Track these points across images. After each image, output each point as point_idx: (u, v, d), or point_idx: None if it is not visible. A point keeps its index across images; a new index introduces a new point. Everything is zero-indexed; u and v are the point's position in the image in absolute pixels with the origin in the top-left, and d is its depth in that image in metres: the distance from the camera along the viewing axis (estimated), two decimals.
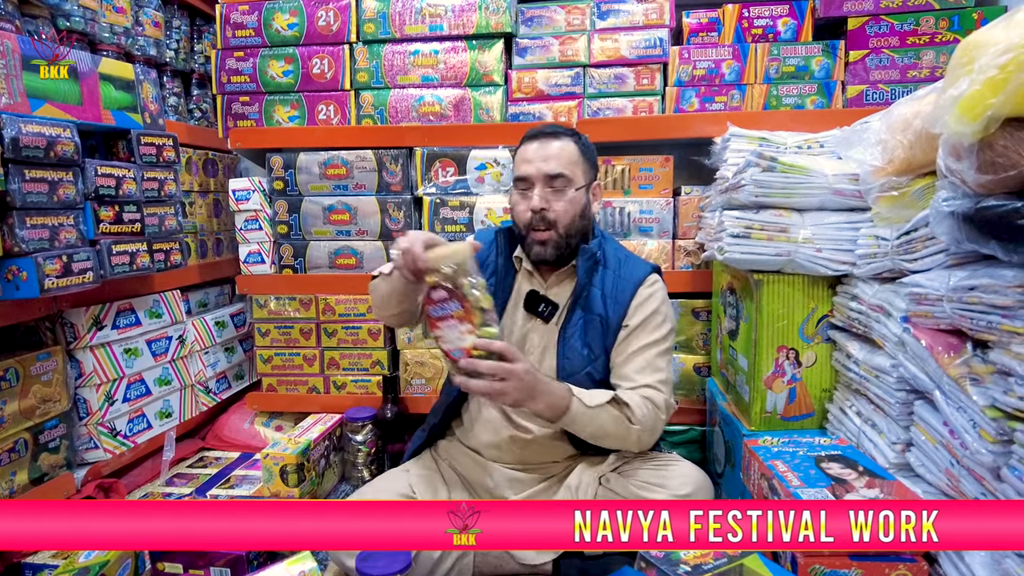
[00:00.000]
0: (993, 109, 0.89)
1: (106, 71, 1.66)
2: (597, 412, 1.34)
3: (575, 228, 1.44)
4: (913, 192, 1.22)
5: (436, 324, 1.23)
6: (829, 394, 1.54)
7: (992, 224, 0.94)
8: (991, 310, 0.97)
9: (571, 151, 1.44)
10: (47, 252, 1.43)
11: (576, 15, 2.12)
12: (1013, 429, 0.92)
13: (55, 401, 1.59)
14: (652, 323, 1.44)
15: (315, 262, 2.16)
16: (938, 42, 1.94)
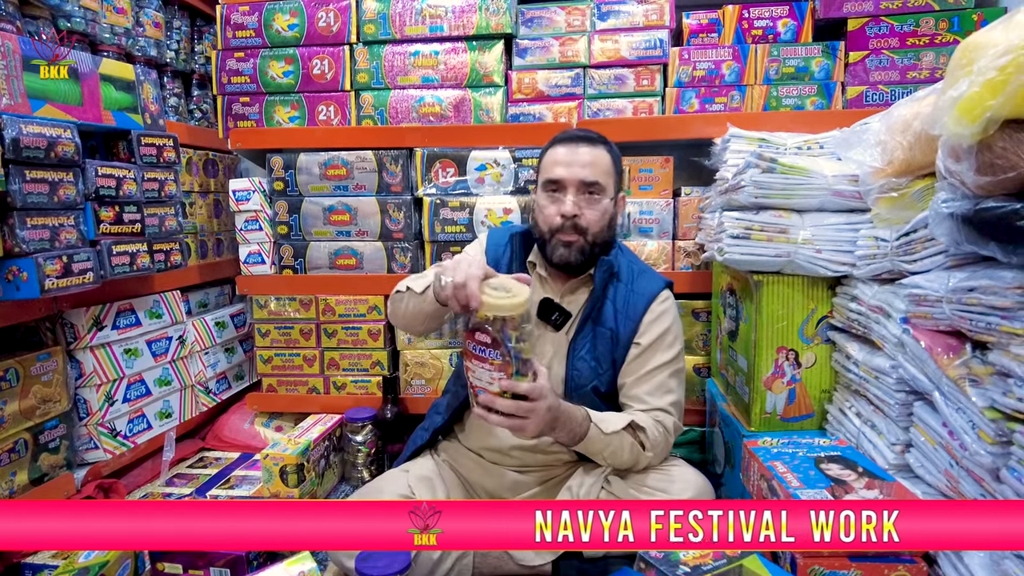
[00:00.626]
0: (992, 111, 0.89)
1: (107, 72, 1.66)
2: (612, 438, 1.33)
3: (602, 237, 1.44)
4: (912, 193, 1.22)
5: (471, 358, 1.16)
6: (829, 395, 1.54)
7: (991, 226, 0.94)
8: (990, 311, 0.97)
9: (606, 160, 1.44)
10: (47, 252, 1.43)
11: (576, 16, 2.12)
12: (1012, 430, 0.92)
13: (55, 401, 1.59)
14: (664, 342, 1.44)
15: (315, 263, 2.16)
16: (938, 43, 1.95)
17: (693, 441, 2.03)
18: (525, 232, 1.57)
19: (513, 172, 2.06)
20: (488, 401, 1.15)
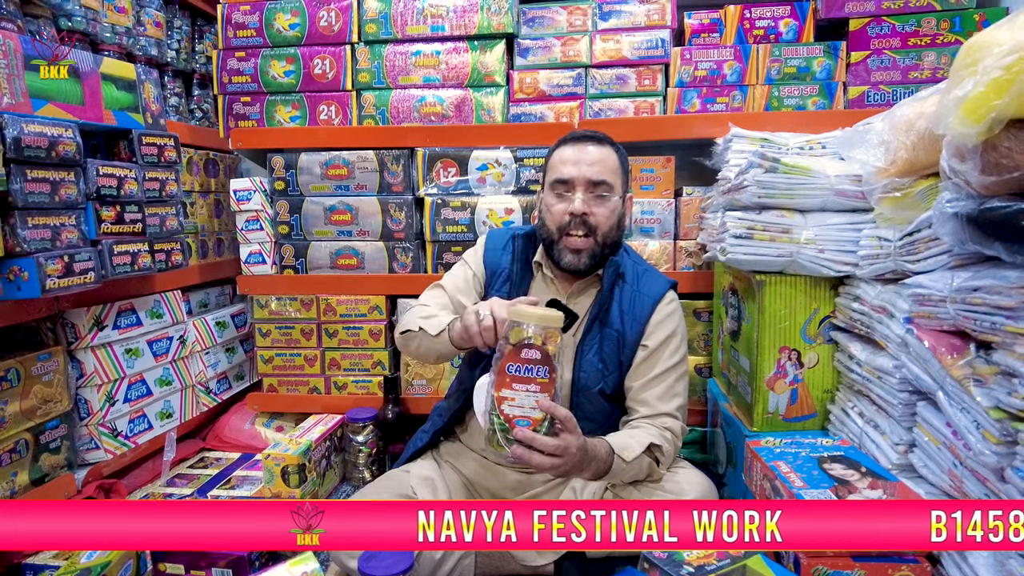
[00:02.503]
0: (997, 111, 0.88)
1: (108, 71, 1.65)
2: (633, 465, 1.31)
3: (611, 237, 1.44)
4: (916, 193, 1.22)
5: (512, 385, 1.08)
6: (831, 395, 1.54)
7: (996, 225, 0.94)
8: (995, 311, 0.97)
9: (614, 160, 1.44)
10: (49, 252, 1.43)
11: (578, 16, 2.12)
12: (1017, 430, 0.92)
13: (56, 401, 1.59)
14: (671, 346, 1.44)
15: (316, 262, 2.16)
16: (939, 43, 1.95)
17: (695, 441, 2.03)
18: (529, 233, 1.56)
19: (515, 172, 2.06)
20: (530, 439, 1.08)
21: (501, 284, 1.52)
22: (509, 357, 1.08)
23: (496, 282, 1.53)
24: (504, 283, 1.52)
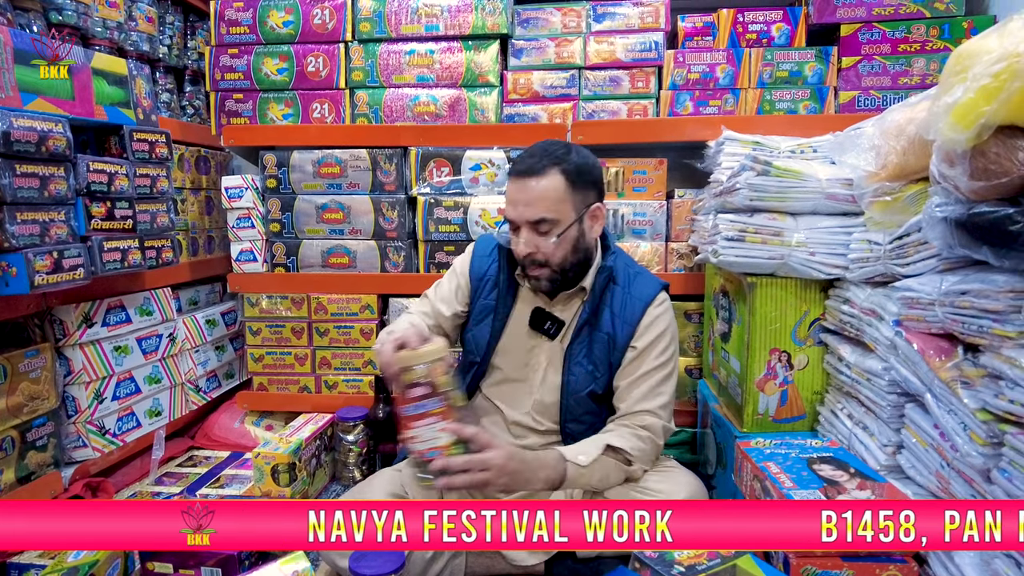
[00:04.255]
0: (986, 117, 0.90)
1: (99, 66, 1.64)
2: (594, 468, 1.33)
3: (569, 263, 1.41)
4: (906, 197, 1.23)
5: (411, 424, 1.19)
6: (820, 396, 1.56)
7: (984, 230, 0.95)
8: (982, 314, 0.99)
9: (555, 188, 1.35)
10: (37, 248, 1.41)
11: (572, 17, 2.13)
12: (1003, 432, 0.94)
13: (43, 399, 1.57)
14: (659, 347, 1.45)
15: (308, 261, 2.15)
16: (929, 50, 1.97)
17: (684, 442, 2.04)
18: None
19: (507, 172, 2.06)
20: (443, 465, 1.16)
21: (489, 291, 1.54)
22: (401, 401, 1.19)
23: (484, 289, 1.54)
24: (492, 290, 1.53)
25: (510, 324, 1.53)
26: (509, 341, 1.53)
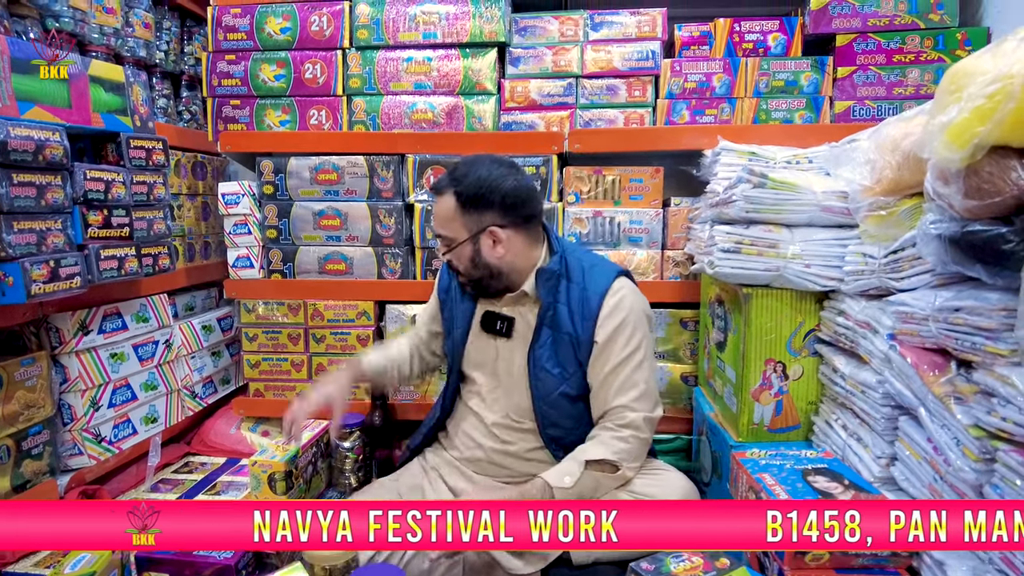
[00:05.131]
0: (980, 137, 0.91)
1: (96, 73, 1.64)
2: (581, 485, 1.37)
3: (476, 275, 1.48)
4: (901, 212, 1.25)
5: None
6: (815, 407, 1.57)
7: (977, 248, 0.97)
8: (975, 332, 1.00)
9: (447, 209, 1.45)
10: (34, 257, 1.41)
11: (569, 26, 2.13)
12: (996, 448, 0.95)
13: (39, 407, 1.57)
14: (622, 336, 1.44)
15: (304, 267, 2.15)
16: (923, 60, 1.99)
17: (680, 449, 2.05)
18: None
19: None
20: None
21: (449, 303, 1.64)
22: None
23: (448, 301, 1.64)
24: (450, 302, 1.62)
25: (473, 332, 1.58)
26: (474, 348, 1.58)
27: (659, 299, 1.99)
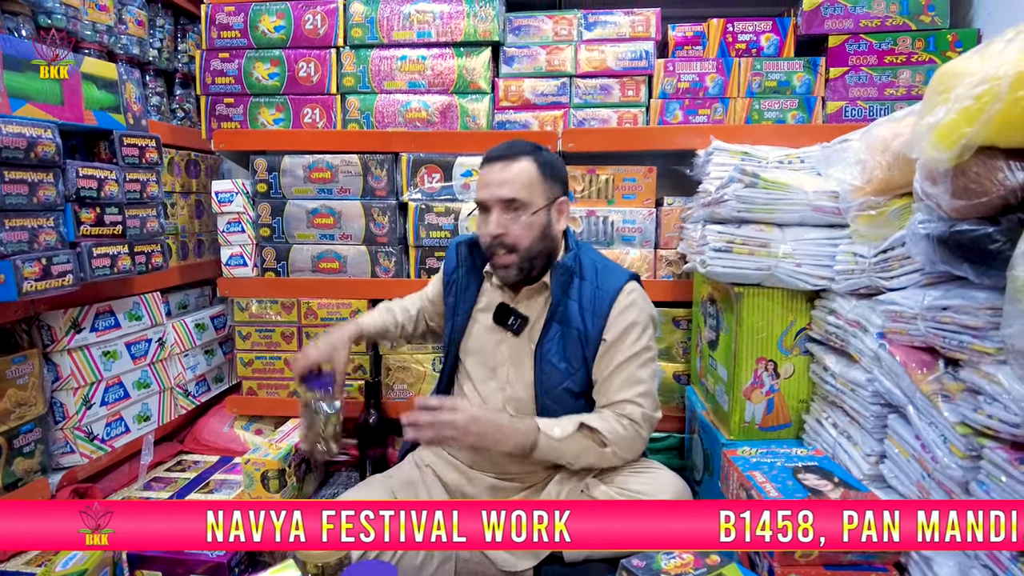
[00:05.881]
0: (968, 138, 0.92)
1: (89, 71, 1.64)
2: (567, 442, 1.38)
3: (536, 250, 1.44)
4: (890, 212, 1.26)
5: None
6: (806, 405, 1.58)
7: (965, 248, 0.97)
8: (962, 330, 1.01)
9: (528, 172, 1.42)
10: (26, 255, 1.41)
11: (563, 25, 2.14)
12: (982, 445, 0.96)
13: (31, 405, 1.56)
14: (631, 336, 1.45)
15: (298, 265, 2.15)
16: (914, 62, 2.00)
17: (672, 447, 2.06)
18: (473, 241, 1.60)
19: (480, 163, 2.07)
20: (411, 420, 1.32)
21: (449, 292, 1.62)
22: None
23: (451, 286, 1.62)
24: (452, 289, 1.61)
25: (476, 321, 1.57)
26: (476, 337, 1.57)
27: (652, 298, 1.95)
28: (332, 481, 2.09)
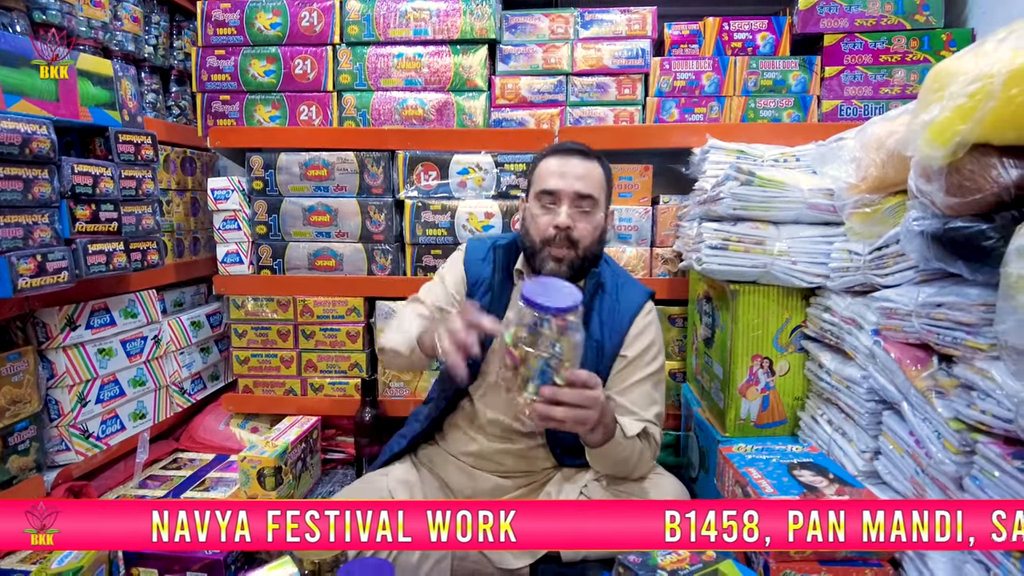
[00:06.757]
0: (962, 135, 0.93)
1: (84, 67, 1.63)
2: (630, 443, 1.36)
3: (592, 252, 1.44)
4: (885, 209, 1.26)
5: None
6: (801, 402, 1.59)
7: (959, 245, 0.98)
8: (956, 327, 1.01)
9: (599, 174, 1.45)
10: (21, 251, 1.40)
11: (560, 23, 2.14)
12: (975, 440, 0.97)
13: (25, 402, 1.56)
14: (649, 355, 1.47)
15: (294, 263, 2.15)
16: (909, 61, 2.01)
17: (669, 444, 2.06)
18: (508, 243, 1.56)
19: (495, 177, 2.07)
20: (554, 394, 1.10)
21: (482, 294, 1.53)
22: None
23: (477, 292, 1.53)
24: (485, 293, 1.52)
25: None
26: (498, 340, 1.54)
27: None
28: (328, 479, 2.09)
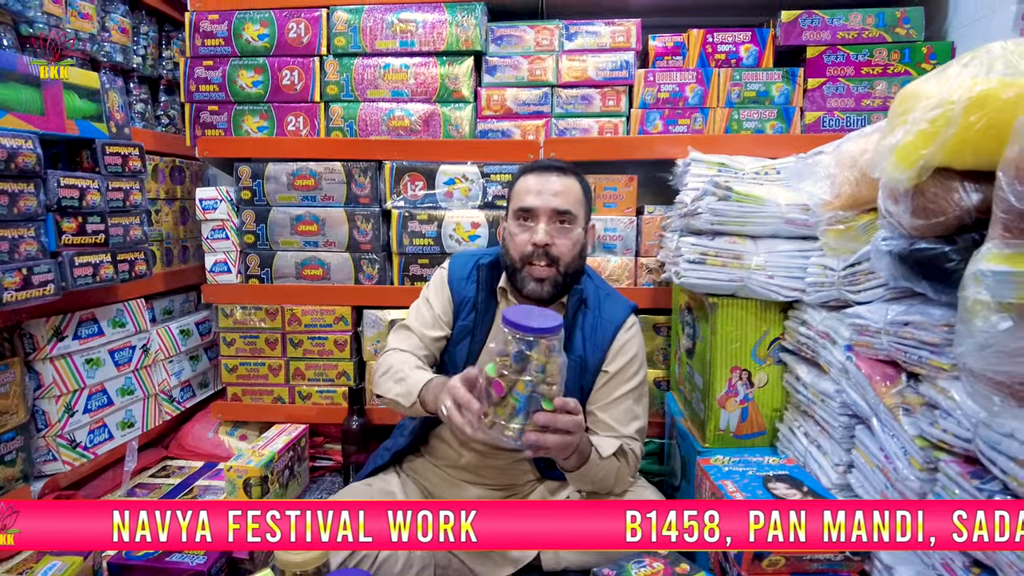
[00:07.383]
0: (925, 159, 0.95)
1: (70, 80, 1.64)
2: (606, 463, 1.38)
3: (573, 268, 1.45)
4: (858, 226, 1.28)
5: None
6: (780, 414, 1.61)
7: (923, 265, 1.00)
8: (921, 346, 1.03)
9: (577, 190, 1.45)
10: (6, 265, 1.42)
11: (545, 35, 2.16)
12: (938, 459, 0.99)
13: (12, 413, 1.57)
14: (630, 370, 1.49)
15: (282, 272, 2.16)
16: (890, 73, 2.03)
17: (653, 452, 2.08)
18: (492, 262, 1.55)
19: (482, 187, 2.09)
20: (550, 420, 1.13)
21: (467, 313, 1.53)
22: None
23: (462, 312, 1.54)
24: (469, 313, 1.52)
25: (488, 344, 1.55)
26: (485, 360, 1.54)
27: None
28: (315, 487, 2.11)
